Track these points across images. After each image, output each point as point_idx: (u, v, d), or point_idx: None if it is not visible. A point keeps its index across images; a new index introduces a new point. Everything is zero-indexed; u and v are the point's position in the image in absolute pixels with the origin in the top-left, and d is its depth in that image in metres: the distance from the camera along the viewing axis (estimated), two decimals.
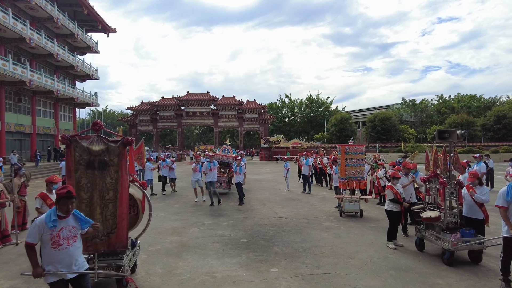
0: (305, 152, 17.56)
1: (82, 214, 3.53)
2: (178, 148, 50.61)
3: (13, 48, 26.17)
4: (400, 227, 7.17)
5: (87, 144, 4.61)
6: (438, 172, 6.43)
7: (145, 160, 13.13)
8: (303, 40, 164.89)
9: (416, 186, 8.18)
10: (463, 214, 6.05)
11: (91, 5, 32.93)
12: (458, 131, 6.01)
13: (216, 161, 11.78)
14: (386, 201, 6.88)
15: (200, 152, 41.87)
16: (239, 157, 12.51)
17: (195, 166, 11.91)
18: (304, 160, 14.67)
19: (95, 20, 35.25)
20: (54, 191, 6.11)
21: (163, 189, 14.41)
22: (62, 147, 31.74)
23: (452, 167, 6.26)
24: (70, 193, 3.32)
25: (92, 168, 4.60)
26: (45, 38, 27.11)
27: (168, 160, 15.35)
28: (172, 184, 14.79)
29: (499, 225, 6.57)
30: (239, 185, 11.44)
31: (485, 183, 7.29)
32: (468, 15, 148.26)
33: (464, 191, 6.04)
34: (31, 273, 3.22)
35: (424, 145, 40.35)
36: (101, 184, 4.63)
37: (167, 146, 58.96)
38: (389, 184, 6.97)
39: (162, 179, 14.80)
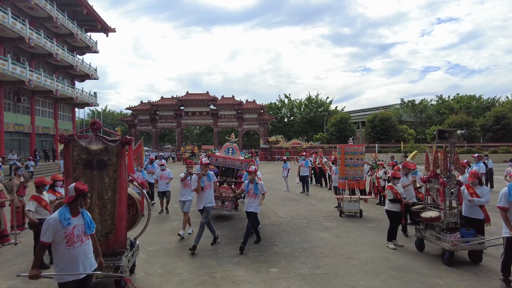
0: (304, 153, 17.34)
1: (89, 215, 3.50)
2: (178, 149, 50.50)
3: (12, 48, 26.09)
4: (400, 227, 7.15)
5: (86, 143, 4.58)
6: (438, 172, 6.41)
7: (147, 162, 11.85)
8: (302, 40, 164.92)
9: (418, 185, 8.15)
10: (463, 214, 6.04)
11: (91, 4, 32.88)
12: (459, 131, 6.00)
13: (211, 173, 6.99)
14: (386, 201, 6.87)
15: (190, 154, 39.08)
16: (252, 168, 7.12)
17: (184, 176, 7.55)
18: (303, 161, 14.29)
19: (94, 20, 35.19)
20: (44, 193, 6.07)
21: (152, 198, 11.19)
22: (61, 147, 31.67)
23: (452, 167, 6.25)
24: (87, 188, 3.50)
25: (90, 168, 4.58)
26: (44, 37, 27.04)
27: (155, 164, 11.64)
28: (164, 200, 10.31)
29: (499, 226, 6.56)
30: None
31: (484, 184, 7.26)
32: (467, 16, 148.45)
33: (464, 190, 6.03)
34: (27, 274, 3.19)
35: (424, 145, 40.39)
36: (99, 184, 4.61)
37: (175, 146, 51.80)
38: (389, 184, 6.95)
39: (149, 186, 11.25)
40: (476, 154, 12.89)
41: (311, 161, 16.02)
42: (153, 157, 13.39)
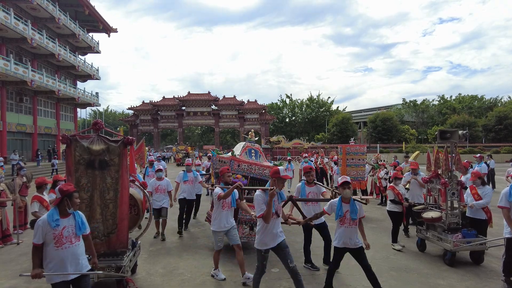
0: (306, 154, 16.50)
1: (82, 217, 3.51)
2: None
3: (15, 48, 26.21)
4: (401, 227, 7.14)
5: (88, 143, 4.60)
6: (439, 173, 6.41)
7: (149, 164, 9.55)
8: (304, 40, 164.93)
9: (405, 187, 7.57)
10: (466, 215, 6.05)
11: (92, 5, 32.96)
12: (460, 131, 5.99)
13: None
14: (388, 201, 6.87)
15: (184, 155, 34.42)
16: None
17: (227, 193, 4.87)
18: (306, 164, 12.48)
19: (96, 20, 35.28)
20: (45, 193, 6.09)
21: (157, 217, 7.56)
22: (62, 147, 31.61)
23: (454, 168, 6.24)
24: (75, 187, 3.47)
25: (92, 168, 4.59)
26: (46, 38, 27.14)
27: (160, 164, 9.27)
28: (161, 219, 7.48)
29: (500, 226, 6.54)
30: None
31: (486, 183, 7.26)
32: (469, 16, 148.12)
33: (467, 192, 6.03)
34: (29, 274, 3.22)
35: (425, 145, 40.30)
36: (101, 184, 4.61)
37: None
38: (391, 184, 6.96)
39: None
40: (478, 154, 12.87)
41: (312, 161, 15.76)
42: (153, 158, 10.71)
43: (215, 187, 5.07)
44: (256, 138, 7.57)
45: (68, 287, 3.33)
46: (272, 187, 3.99)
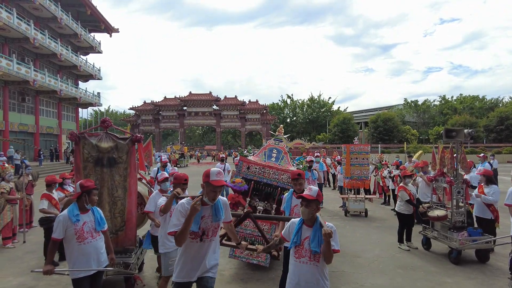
0: (318, 153, 14.00)
1: (100, 212, 3.55)
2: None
3: (17, 48, 26.25)
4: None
5: (96, 141, 4.62)
6: (444, 171, 6.42)
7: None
8: (305, 40, 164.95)
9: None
10: (474, 214, 6.07)
11: (94, 5, 33.01)
12: (465, 130, 6.00)
13: (223, 199, 3.08)
14: (398, 202, 6.66)
15: (180, 155, 31.98)
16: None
17: (162, 204, 3.98)
18: (317, 165, 10.63)
19: (98, 20, 35.32)
20: (54, 191, 6.12)
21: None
22: (64, 147, 31.59)
23: (459, 166, 6.25)
24: (94, 184, 3.52)
25: (100, 165, 4.61)
26: (48, 38, 27.17)
27: (169, 170, 7.67)
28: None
29: (506, 225, 6.55)
30: None
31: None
32: (470, 16, 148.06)
33: (475, 191, 6.04)
34: (41, 270, 3.24)
35: (427, 146, 40.27)
36: (109, 181, 4.64)
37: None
38: (401, 185, 6.64)
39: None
40: (482, 154, 12.86)
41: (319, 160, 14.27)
42: (166, 159, 9.64)
43: (163, 196, 4.05)
44: (286, 137, 6.82)
45: (89, 281, 3.36)
46: (197, 196, 2.79)
